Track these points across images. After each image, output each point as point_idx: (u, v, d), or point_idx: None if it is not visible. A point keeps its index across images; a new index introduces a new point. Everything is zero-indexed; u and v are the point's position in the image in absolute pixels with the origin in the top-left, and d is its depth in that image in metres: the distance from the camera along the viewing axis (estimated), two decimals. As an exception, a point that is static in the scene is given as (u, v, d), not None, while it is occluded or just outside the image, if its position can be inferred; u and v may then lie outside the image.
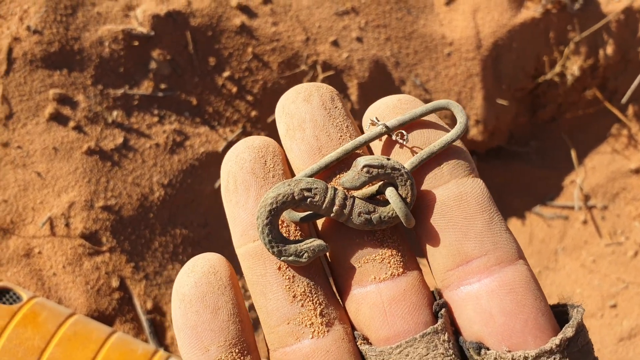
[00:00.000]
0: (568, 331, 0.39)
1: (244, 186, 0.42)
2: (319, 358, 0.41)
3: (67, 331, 1.17)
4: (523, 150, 2.06)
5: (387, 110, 0.44)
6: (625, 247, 1.91)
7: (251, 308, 1.46)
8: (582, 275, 1.88)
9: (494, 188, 2.01)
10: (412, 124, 0.43)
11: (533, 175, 2.03)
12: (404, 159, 0.43)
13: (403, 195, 0.41)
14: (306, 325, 0.41)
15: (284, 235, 0.42)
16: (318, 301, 0.42)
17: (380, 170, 0.41)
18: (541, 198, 2.00)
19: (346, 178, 0.41)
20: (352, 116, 0.45)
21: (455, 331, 0.42)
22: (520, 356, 0.39)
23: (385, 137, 0.44)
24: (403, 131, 0.43)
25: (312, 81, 1.29)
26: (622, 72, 2.07)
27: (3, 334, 1.13)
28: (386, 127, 0.43)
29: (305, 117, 0.43)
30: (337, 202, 0.41)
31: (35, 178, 1.42)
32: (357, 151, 0.43)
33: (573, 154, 2.03)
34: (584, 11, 1.99)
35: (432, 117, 0.44)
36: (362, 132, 0.44)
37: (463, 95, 1.85)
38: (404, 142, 0.43)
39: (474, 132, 1.88)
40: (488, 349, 0.40)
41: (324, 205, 0.41)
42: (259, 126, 1.66)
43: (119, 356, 1.17)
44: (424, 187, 0.42)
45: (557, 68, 1.96)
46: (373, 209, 0.42)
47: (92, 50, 1.51)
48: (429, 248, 0.42)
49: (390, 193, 0.41)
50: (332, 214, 0.41)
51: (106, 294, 1.39)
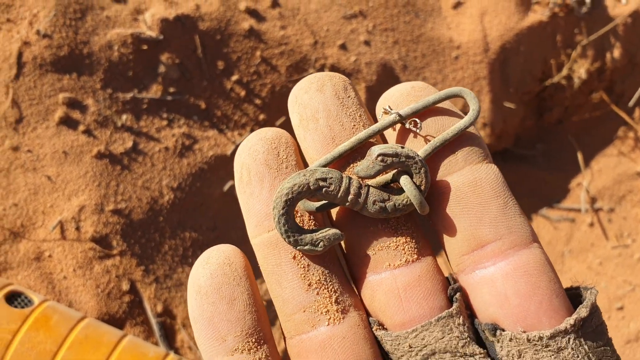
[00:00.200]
0: (582, 311, 0.40)
1: (258, 177, 0.42)
2: (335, 344, 0.41)
3: (79, 335, 1.17)
4: (530, 153, 2.07)
5: (401, 97, 0.44)
6: (631, 250, 1.91)
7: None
8: (589, 277, 1.88)
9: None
10: (426, 112, 0.43)
11: (540, 177, 2.03)
12: (418, 147, 0.43)
13: (417, 183, 0.41)
14: (322, 312, 0.41)
15: (299, 224, 0.42)
16: (333, 289, 0.42)
17: (394, 158, 0.41)
18: (548, 200, 2.00)
19: (361, 167, 0.42)
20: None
21: (470, 315, 0.43)
22: (535, 336, 0.39)
23: (398, 126, 0.44)
24: (416, 119, 0.43)
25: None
26: (629, 75, 2.07)
27: (15, 338, 1.14)
28: (399, 116, 0.43)
29: (318, 107, 0.43)
30: (352, 191, 0.41)
31: (45, 182, 1.42)
32: (371, 140, 0.43)
33: (580, 157, 2.03)
34: (591, 14, 1.99)
35: (446, 104, 0.44)
36: (376, 121, 0.44)
37: (470, 98, 1.85)
38: (418, 130, 0.43)
39: (482, 135, 1.88)
40: (503, 330, 0.40)
41: (339, 194, 0.41)
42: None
43: (131, 359, 1.17)
44: (439, 174, 0.43)
45: (564, 71, 1.96)
46: (387, 197, 0.42)
47: (101, 54, 1.51)
48: (444, 234, 0.42)
49: (404, 181, 0.41)
50: (347, 203, 0.41)
51: (116, 297, 1.40)
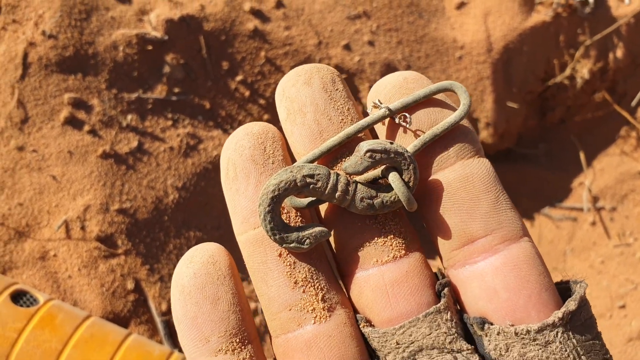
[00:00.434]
0: (571, 305, 0.39)
1: (244, 173, 0.42)
2: (321, 343, 0.40)
3: (84, 333, 1.18)
4: (532, 152, 2.07)
5: (393, 89, 0.43)
6: (633, 248, 1.92)
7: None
8: (591, 276, 1.88)
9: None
10: (417, 105, 0.42)
11: (542, 177, 2.03)
12: (407, 142, 0.42)
13: (406, 179, 0.41)
14: (308, 310, 0.41)
15: (285, 221, 0.42)
16: (319, 286, 0.41)
17: (383, 155, 0.40)
18: (550, 200, 2.00)
19: (349, 163, 0.41)
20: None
21: (459, 310, 0.42)
22: (523, 330, 0.39)
23: (388, 120, 0.43)
24: (406, 114, 0.42)
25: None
26: (632, 75, 2.07)
27: (21, 337, 1.14)
28: (389, 110, 0.42)
29: (305, 101, 0.42)
30: (340, 188, 0.41)
31: (50, 181, 1.43)
32: (360, 135, 0.43)
33: (582, 156, 2.03)
34: (594, 15, 1.99)
35: (439, 97, 0.43)
36: (366, 114, 0.43)
37: (474, 98, 1.86)
38: (407, 125, 0.42)
39: (484, 135, 1.89)
40: (492, 324, 0.40)
41: (327, 191, 0.40)
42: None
43: (136, 358, 1.18)
44: (432, 170, 0.42)
45: (567, 71, 1.96)
46: (375, 194, 0.41)
47: (107, 54, 1.52)
48: (435, 230, 0.42)
49: (393, 178, 0.41)
50: (335, 200, 0.41)
51: (121, 296, 1.40)
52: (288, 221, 0.42)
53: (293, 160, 0.43)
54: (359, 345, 0.41)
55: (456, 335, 0.40)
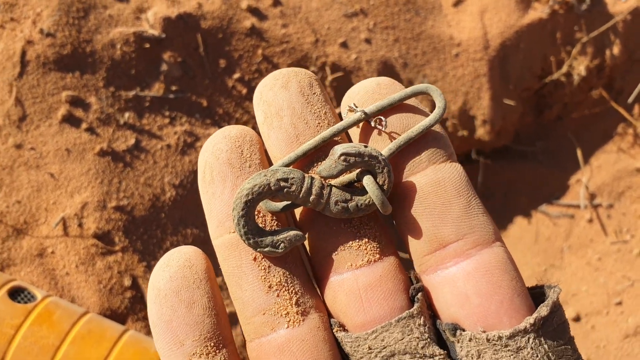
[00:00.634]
0: (543, 310, 0.39)
1: (220, 177, 0.41)
2: (294, 347, 0.40)
3: (81, 329, 1.18)
4: (529, 149, 2.07)
5: (366, 95, 0.43)
6: (630, 245, 1.92)
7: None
8: (588, 273, 1.89)
9: (501, 187, 2.02)
10: (391, 109, 0.43)
11: (539, 174, 2.04)
12: (382, 145, 0.42)
13: (380, 182, 0.41)
14: (282, 315, 0.41)
15: (260, 225, 0.42)
16: (294, 290, 0.41)
17: (357, 158, 0.40)
18: (547, 197, 2.01)
19: (323, 167, 0.41)
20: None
21: (433, 315, 0.42)
22: (494, 336, 0.39)
23: (363, 123, 0.43)
24: (382, 117, 0.42)
25: (322, 82, 1.30)
26: (629, 72, 2.07)
27: (18, 333, 1.15)
28: (364, 114, 0.42)
29: (282, 105, 0.42)
30: (314, 192, 0.41)
31: (48, 179, 1.43)
32: (335, 138, 0.43)
33: (579, 153, 2.04)
34: (591, 12, 1.99)
35: (412, 101, 0.43)
36: (341, 119, 0.43)
37: (470, 95, 1.86)
38: (383, 128, 0.42)
39: (481, 132, 1.89)
40: (464, 330, 0.40)
41: (301, 195, 0.40)
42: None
43: (133, 354, 1.18)
44: (404, 174, 0.42)
45: (564, 68, 1.97)
46: (350, 197, 0.41)
47: (104, 52, 1.52)
48: (407, 235, 0.42)
49: (367, 181, 0.41)
50: (309, 204, 0.41)
51: (118, 293, 1.41)
52: (264, 225, 0.42)
53: (271, 164, 0.43)
54: (332, 349, 0.41)
55: (429, 340, 0.40)
